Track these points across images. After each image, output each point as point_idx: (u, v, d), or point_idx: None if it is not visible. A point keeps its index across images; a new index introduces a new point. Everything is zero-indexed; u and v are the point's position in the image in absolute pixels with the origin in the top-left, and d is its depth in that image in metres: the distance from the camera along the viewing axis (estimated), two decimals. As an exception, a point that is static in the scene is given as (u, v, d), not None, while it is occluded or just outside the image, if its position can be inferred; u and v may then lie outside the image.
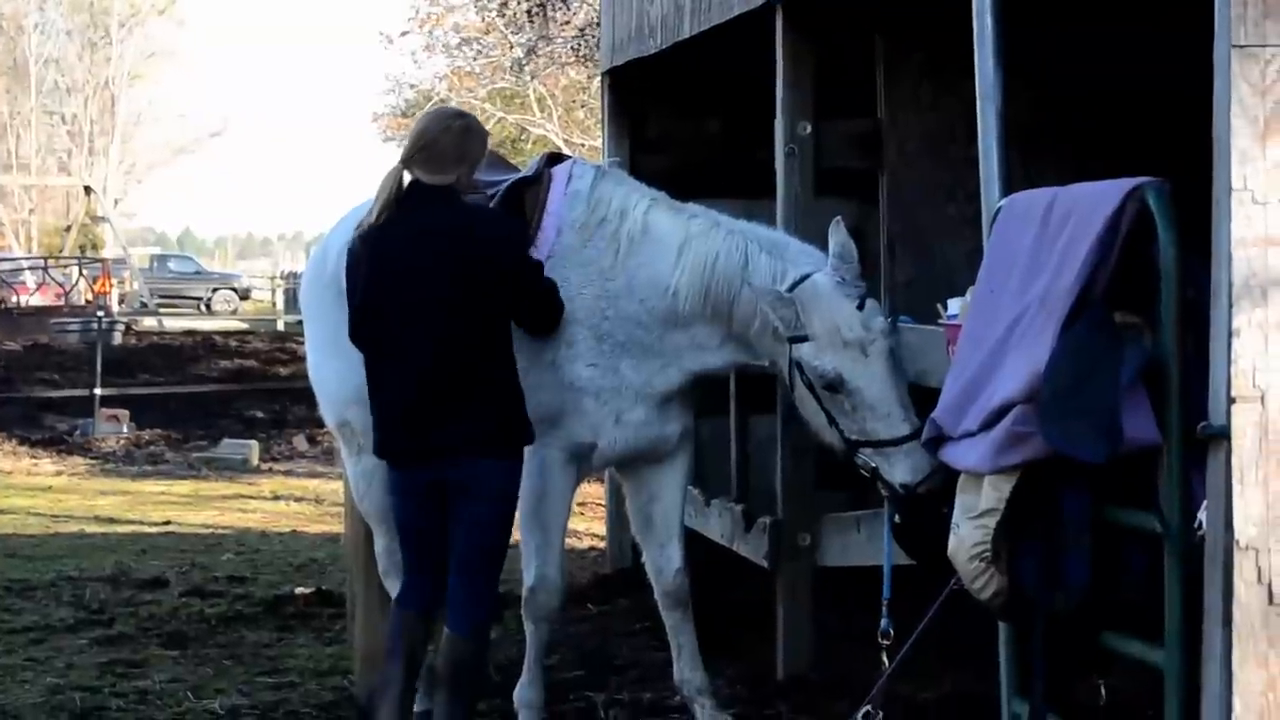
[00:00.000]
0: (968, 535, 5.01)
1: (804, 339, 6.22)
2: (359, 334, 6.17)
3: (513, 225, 6.36)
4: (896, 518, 6.06)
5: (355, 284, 6.14)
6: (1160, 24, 7.41)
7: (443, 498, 6.05)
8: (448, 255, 5.95)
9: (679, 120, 10.45)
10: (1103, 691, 5.09)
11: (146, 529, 13.34)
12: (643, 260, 6.59)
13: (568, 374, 6.57)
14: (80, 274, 38.91)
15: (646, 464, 6.90)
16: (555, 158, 6.97)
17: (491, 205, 6.56)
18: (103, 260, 42.16)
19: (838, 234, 6.27)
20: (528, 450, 6.27)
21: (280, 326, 36.82)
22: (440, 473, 6.02)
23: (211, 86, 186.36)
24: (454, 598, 6.11)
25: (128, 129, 60.60)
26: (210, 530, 13.28)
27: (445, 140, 6.05)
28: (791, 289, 6.28)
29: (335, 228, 7.23)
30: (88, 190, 47.92)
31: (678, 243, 6.56)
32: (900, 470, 6.03)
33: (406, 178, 6.09)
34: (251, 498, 15.33)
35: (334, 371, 7.04)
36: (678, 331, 6.60)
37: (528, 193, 6.71)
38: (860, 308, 6.18)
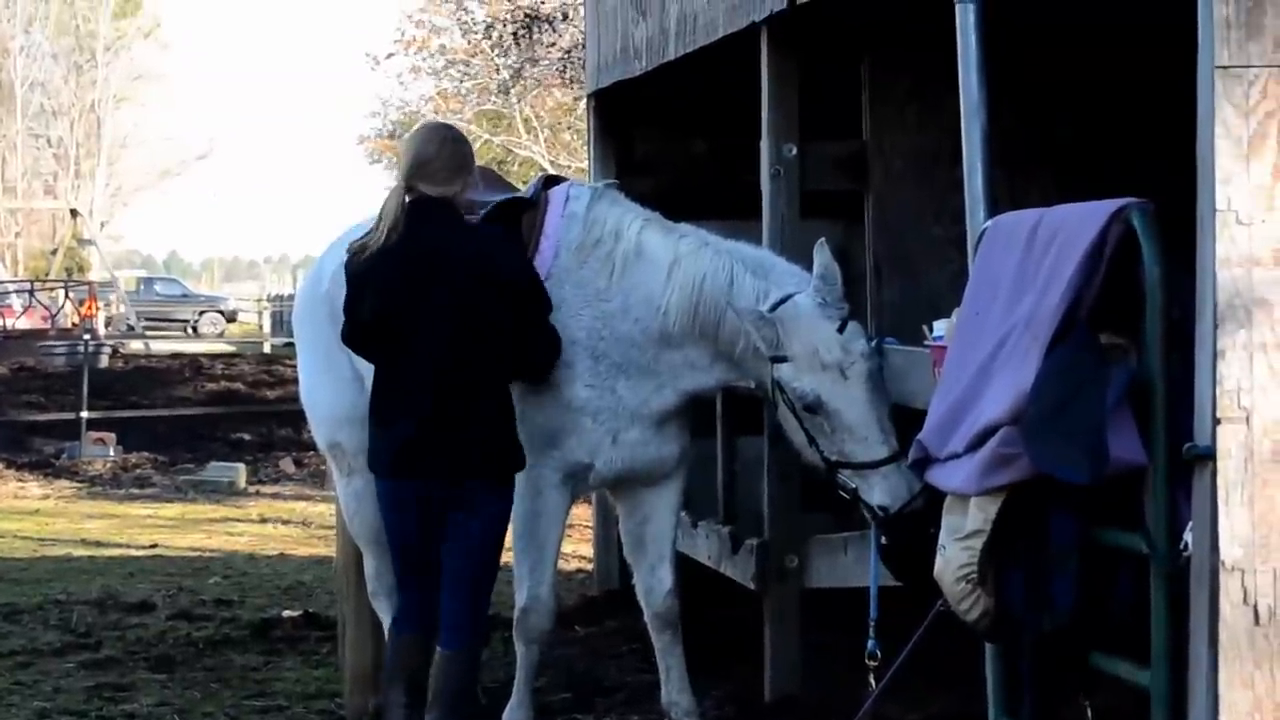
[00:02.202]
0: (954, 557, 5.01)
1: (785, 359, 6.23)
2: (364, 349, 6.21)
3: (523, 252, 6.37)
4: (883, 539, 6.08)
5: (359, 303, 6.14)
6: (1144, 44, 7.45)
7: (434, 513, 6.07)
8: (461, 278, 6.01)
9: (665, 142, 10.44)
10: (1088, 712, 5.09)
11: (133, 552, 13.29)
12: (636, 281, 6.61)
13: (565, 394, 6.58)
14: (66, 297, 38.91)
15: (641, 485, 6.91)
16: (552, 180, 7.00)
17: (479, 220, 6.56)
18: (89, 283, 42.08)
19: (821, 255, 6.29)
20: (522, 471, 6.28)
21: (267, 349, 36.70)
22: (434, 490, 6.05)
23: (197, 109, 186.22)
24: (448, 615, 6.13)
25: (114, 152, 60.45)
26: (197, 553, 13.24)
27: (444, 154, 6.13)
28: (773, 309, 6.29)
29: (328, 250, 7.23)
30: (74, 213, 47.86)
31: (668, 262, 6.58)
32: (877, 493, 6.09)
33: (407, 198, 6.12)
34: (238, 520, 15.27)
35: (326, 393, 7.07)
36: (671, 351, 6.62)
37: (525, 215, 6.72)
38: (841, 330, 6.19)
